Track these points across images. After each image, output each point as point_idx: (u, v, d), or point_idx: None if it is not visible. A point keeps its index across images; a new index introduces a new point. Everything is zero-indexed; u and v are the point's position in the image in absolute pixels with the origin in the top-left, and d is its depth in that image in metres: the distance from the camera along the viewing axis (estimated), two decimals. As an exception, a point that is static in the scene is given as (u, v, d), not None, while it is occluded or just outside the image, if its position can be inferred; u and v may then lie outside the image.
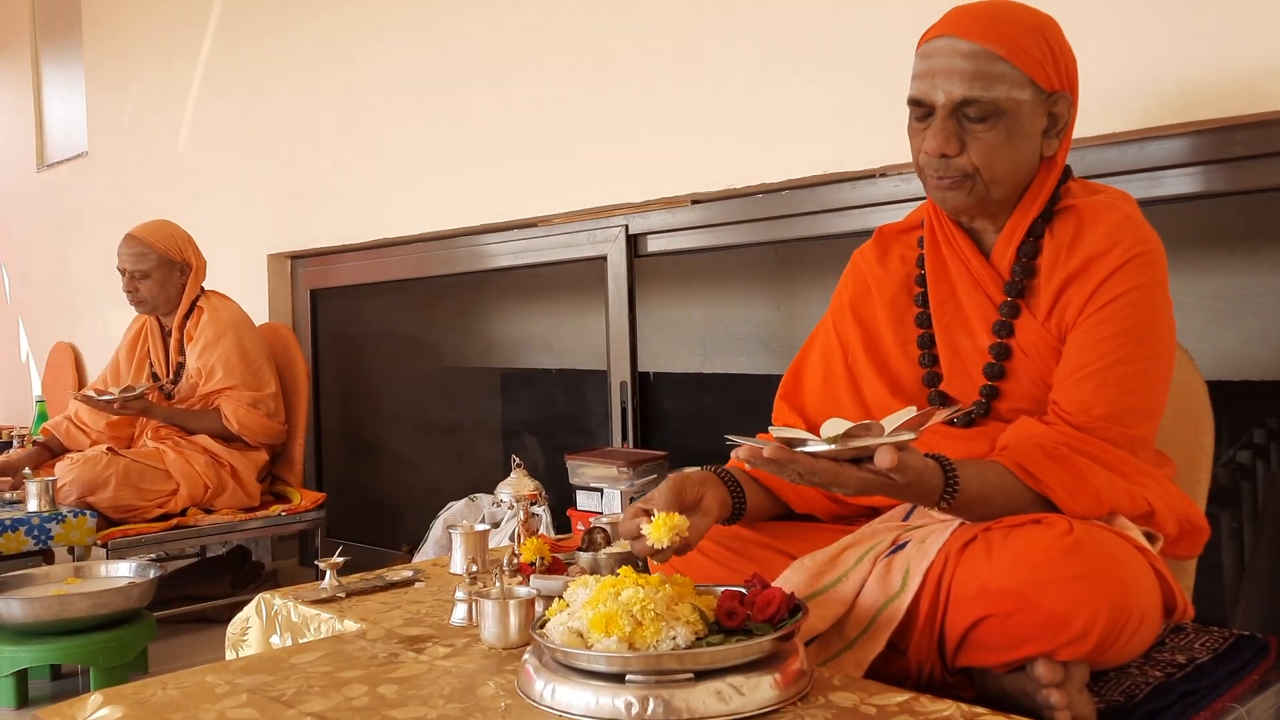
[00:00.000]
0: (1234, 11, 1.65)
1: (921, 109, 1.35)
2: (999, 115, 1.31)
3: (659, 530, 1.24)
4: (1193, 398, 1.56)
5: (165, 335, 3.25)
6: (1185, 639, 1.41)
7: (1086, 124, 1.79)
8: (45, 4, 5.32)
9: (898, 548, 1.29)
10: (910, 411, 1.18)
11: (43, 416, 3.75)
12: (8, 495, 2.90)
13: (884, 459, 1.09)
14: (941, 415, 1.18)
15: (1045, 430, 1.30)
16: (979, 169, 1.33)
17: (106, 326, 4.75)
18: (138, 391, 2.98)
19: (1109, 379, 1.29)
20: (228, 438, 3.07)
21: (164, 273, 3.13)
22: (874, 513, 1.48)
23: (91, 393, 3.03)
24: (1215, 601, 1.81)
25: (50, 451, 3.18)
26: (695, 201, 2.52)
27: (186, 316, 3.17)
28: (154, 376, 3.22)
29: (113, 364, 3.30)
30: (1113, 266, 1.31)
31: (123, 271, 3.13)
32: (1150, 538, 1.28)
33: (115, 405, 2.97)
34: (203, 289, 3.23)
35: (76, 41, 4.98)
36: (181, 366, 3.16)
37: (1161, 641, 1.39)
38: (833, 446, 1.11)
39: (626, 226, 2.70)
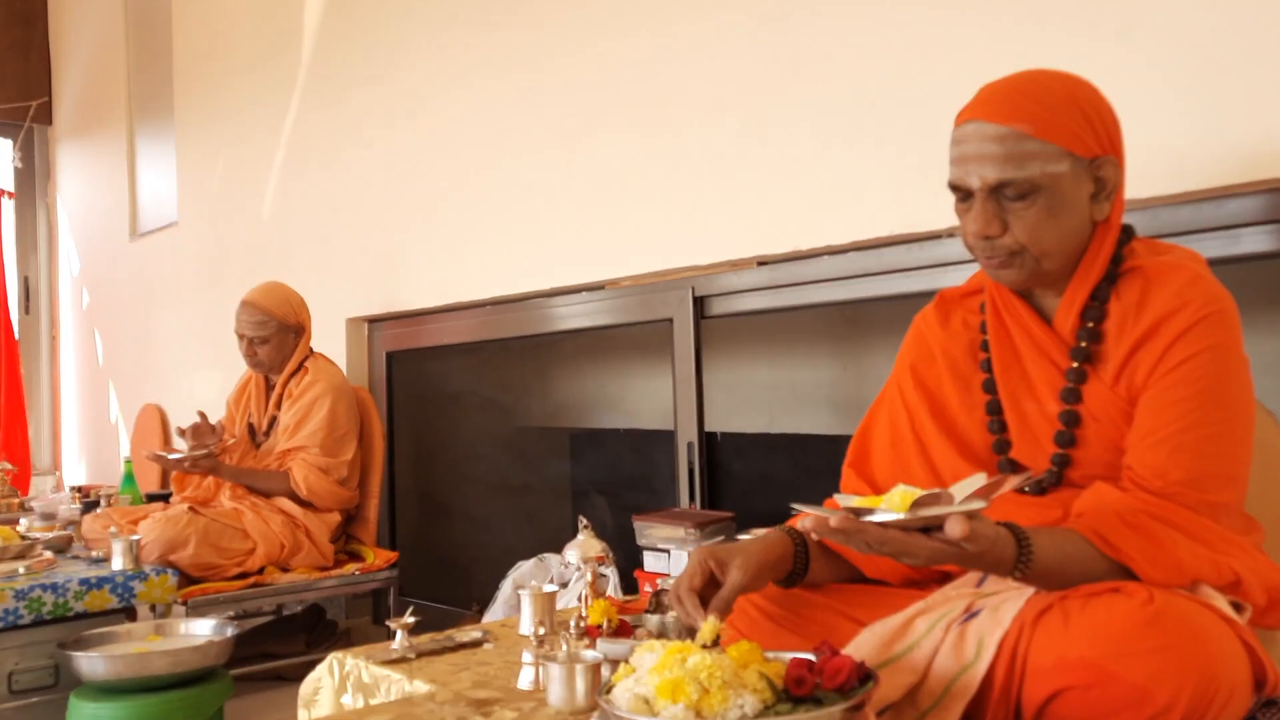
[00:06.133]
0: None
1: (961, 192, 1.35)
2: (1037, 192, 1.30)
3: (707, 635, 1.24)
4: (1279, 461, 1.51)
5: (269, 389, 3.35)
6: (1277, 715, 1.35)
7: (1160, 183, 1.76)
8: (140, 83, 5.59)
9: (971, 615, 1.26)
10: (980, 479, 1.16)
11: (129, 476, 3.86)
12: (95, 554, 2.99)
13: (955, 528, 1.07)
14: (1013, 483, 1.16)
15: (1122, 497, 1.26)
16: (1026, 246, 1.32)
17: (192, 389, 4.90)
18: (206, 450, 3.07)
19: (1185, 443, 1.26)
20: (294, 500, 3.13)
21: (281, 337, 3.25)
22: (946, 577, 1.45)
23: (162, 452, 3.13)
24: (1310, 674, 1.72)
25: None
26: (761, 263, 2.53)
27: (293, 374, 3.27)
28: (250, 429, 3.33)
29: (227, 415, 3.43)
30: (1183, 327, 1.28)
31: (241, 336, 3.25)
32: (1237, 607, 1.24)
33: (185, 464, 3.07)
34: (311, 349, 3.33)
35: (169, 117, 5.22)
36: (275, 421, 3.25)
37: (1252, 718, 1.33)
38: (901, 515, 1.10)
39: (693, 288, 2.72)
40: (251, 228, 4.49)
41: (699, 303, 2.72)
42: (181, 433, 3.14)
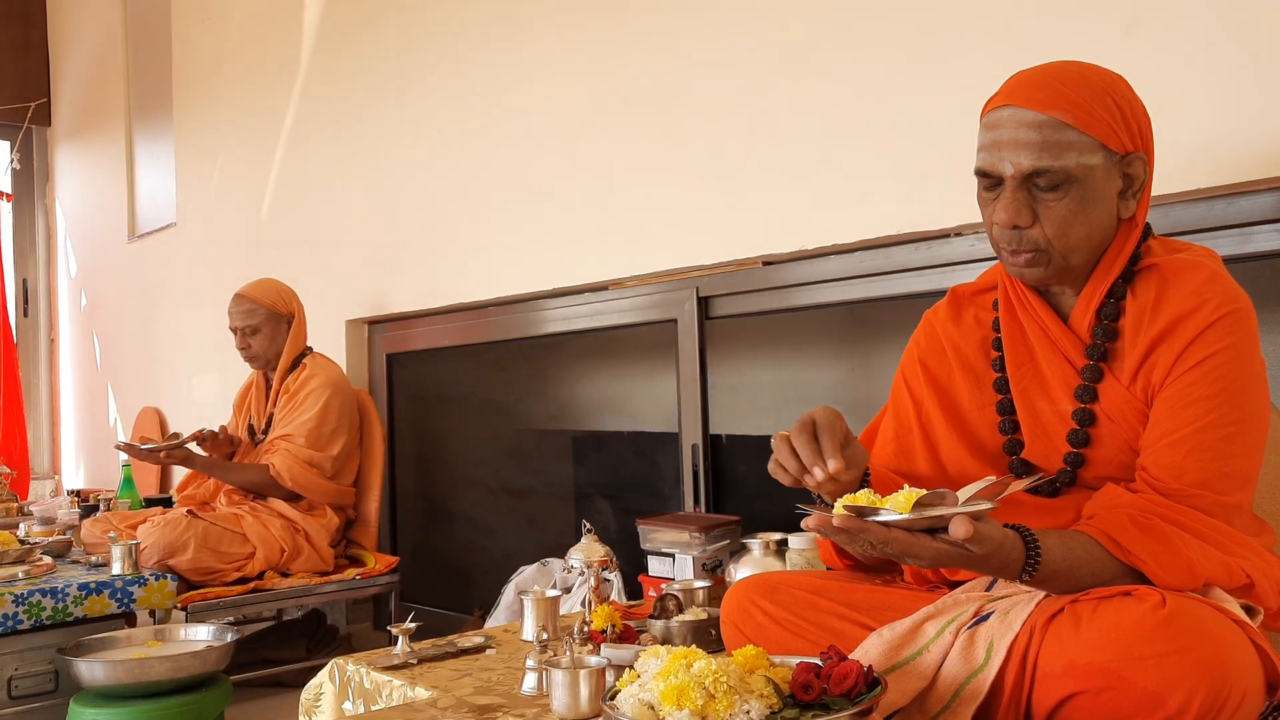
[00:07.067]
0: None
1: (989, 180, 1.32)
2: (1070, 183, 1.28)
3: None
4: (1291, 462, 1.49)
5: (268, 388, 3.36)
6: (1291, 719, 1.33)
7: (1170, 180, 1.75)
8: (139, 84, 5.58)
9: (981, 619, 1.25)
10: (988, 480, 1.14)
11: (128, 480, 3.84)
12: (94, 559, 2.97)
13: (959, 529, 1.06)
14: (1020, 484, 1.15)
15: (1133, 498, 1.25)
16: (1052, 240, 1.30)
17: (190, 391, 4.89)
18: (178, 442, 3.10)
19: (1201, 443, 1.24)
20: (276, 492, 3.11)
21: (273, 326, 3.26)
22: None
23: (133, 442, 3.15)
24: (1323, 678, 1.71)
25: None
26: (766, 263, 2.52)
27: (289, 370, 3.27)
28: (250, 429, 3.34)
29: (231, 419, 3.45)
30: (1201, 326, 1.26)
31: (234, 330, 3.28)
32: (1249, 610, 1.23)
33: (161, 455, 3.09)
34: (309, 348, 3.34)
35: (167, 118, 5.21)
36: (273, 418, 3.25)
37: (1265, 721, 1.31)
38: (906, 516, 1.08)
39: (697, 289, 2.70)
40: (251, 229, 4.48)
41: (703, 303, 2.71)
42: (144, 440, 3.18)
